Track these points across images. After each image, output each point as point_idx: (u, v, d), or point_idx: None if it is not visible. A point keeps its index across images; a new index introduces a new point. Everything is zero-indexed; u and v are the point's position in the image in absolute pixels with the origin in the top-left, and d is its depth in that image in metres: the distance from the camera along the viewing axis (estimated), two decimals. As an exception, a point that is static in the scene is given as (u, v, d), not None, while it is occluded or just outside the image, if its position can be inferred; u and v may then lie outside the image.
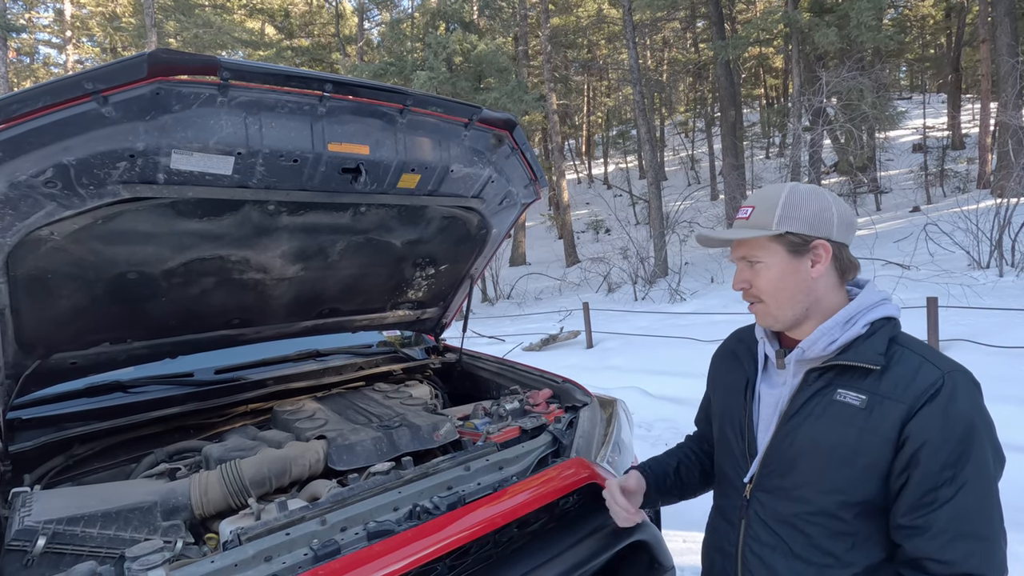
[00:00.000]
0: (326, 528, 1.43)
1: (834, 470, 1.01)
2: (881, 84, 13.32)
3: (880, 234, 11.72)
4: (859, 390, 1.00)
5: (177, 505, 1.59)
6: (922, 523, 0.94)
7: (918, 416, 0.95)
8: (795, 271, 1.07)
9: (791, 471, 1.07)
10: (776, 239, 1.07)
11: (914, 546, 0.95)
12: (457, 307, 2.89)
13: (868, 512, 1.01)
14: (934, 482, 0.93)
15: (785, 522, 1.09)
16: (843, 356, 1.04)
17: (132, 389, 2.17)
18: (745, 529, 1.15)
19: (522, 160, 2.10)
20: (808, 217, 1.06)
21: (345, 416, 2.14)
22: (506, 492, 1.59)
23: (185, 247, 1.73)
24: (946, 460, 0.93)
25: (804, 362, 1.09)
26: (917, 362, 0.99)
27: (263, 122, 1.46)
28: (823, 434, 1.03)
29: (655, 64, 29.99)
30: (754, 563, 1.13)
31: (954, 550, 0.92)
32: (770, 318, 1.12)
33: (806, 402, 1.06)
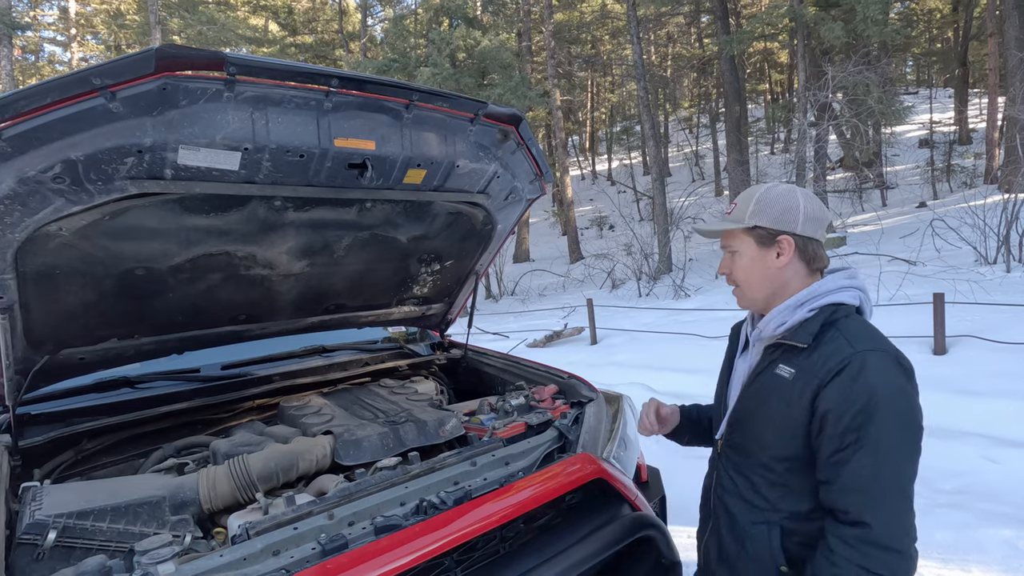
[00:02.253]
0: (334, 523, 1.44)
1: (768, 430, 1.23)
2: (887, 79, 13.22)
3: (886, 230, 11.66)
4: (791, 365, 1.19)
5: (185, 500, 1.60)
6: (830, 478, 1.12)
7: (826, 389, 1.11)
8: (762, 260, 1.25)
9: (741, 429, 1.30)
10: (748, 232, 1.25)
11: (824, 496, 1.15)
12: (462, 303, 2.89)
13: (795, 468, 1.20)
14: (838, 444, 1.10)
15: (738, 471, 1.32)
16: (786, 336, 1.21)
17: (139, 385, 2.19)
18: (716, 476, 1.40)
19: (528, 155, 2.10)
20: (775, 214, 1.22)
21: (351, 412, 2.14)
22: (512, 487, 1.60)
23: (192, 243, 1.73)
24: (847, 426, 1.08)
25: (762, 340, 1.28)
26: (838, 342, 1.14)
27: (270, 117, 1.46)
28: (764, 400, 1.23)
29: (659, 60, 29.85)
30: (717, 504, 1.38)
31: (848, 501, 1.09)
32: (745, 300, 1.32)
33: (759, 374, 1.26)
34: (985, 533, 3.00)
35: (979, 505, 3.30)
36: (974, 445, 4.03)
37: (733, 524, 1.31)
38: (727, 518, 1.33)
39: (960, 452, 4.00)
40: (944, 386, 4.87)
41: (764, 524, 1.25)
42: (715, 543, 1.37)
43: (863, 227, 13.04)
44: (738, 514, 1.30)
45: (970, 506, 3.31)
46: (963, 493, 3.50)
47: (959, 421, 4.42)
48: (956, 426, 4.38)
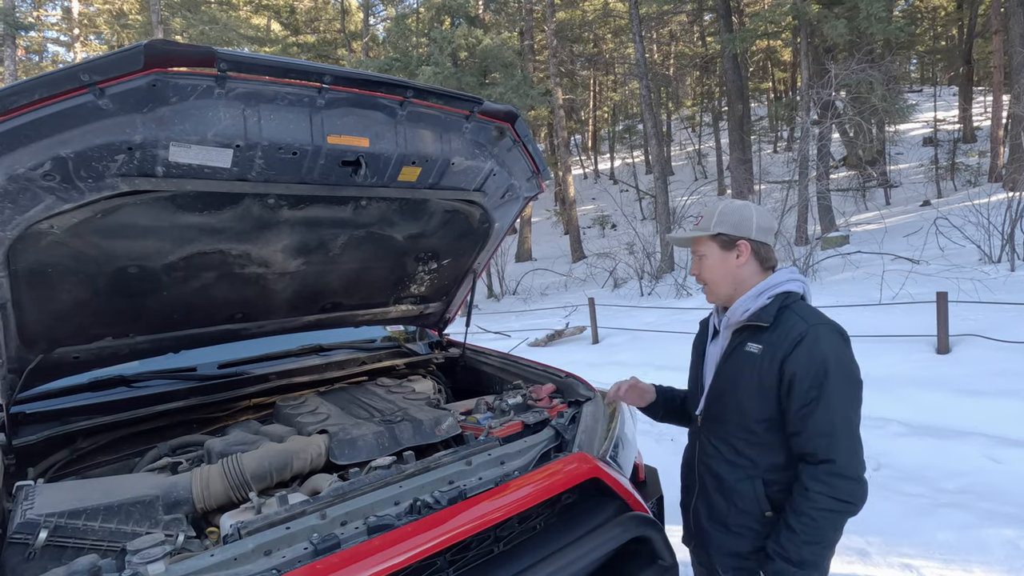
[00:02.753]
0: (326, 522, 1.43)
1: (745, 398, 1.44)
2: (891, 77, 13.14)
3: (889, 228, 11.60)
4: (758, 342, 1.44)
5: (178, 499, 1.59)
6: (799, 428, 1.37)
7: (790, 357, 1.36)
8: (724, 261, 1.51)
9: (719, 401, 1.52)
10: (712, 238, 1.51)
11: (796, 445, 1.39)
12: (460, 302, 2.88)
13: (771, 427, 1.44)
14: (803, 400, 1.35)
15: (720, 438, 1.53)
16: (750, 319, 1.46)
17: (136, 384, 2.18)
18: (699, 447, 1.61)
19: (524, 153, 2.08)
20: (733, 222, 1.49)
21: (347, 411, 2.13)
22: (507, 487, 1.58)
23: (186, 241, 1.73)
24: (810, 385, 1.34)
25: (729, 326, 1.52)
26: (794, 320, 1.41)
27: (261, 114, 1.45)
28: (738, 374, 1.46)
29: (662, 58, 29.76)
30: (703, 470, 1.59)
31: (816, 445, 1.34)
32: (713, 296, 1.57)
33: (730, 354, 1.50)
34: (987, 533, 2.98)
35: (981, 505, 3.28)
36: (977, 445, 4.00)
37: (720, 485, 1.53)
38: (714, 481, 1.54)
39: (963, 452, 3.97)
40: (947, 385, 4.84)
41: (748, 480, 1.48)
42: (704, 505, 1.58)
43: (866, 226, 12.99)
44: (725, 475, 1.52)
45: (972, 506, 3.29)
46: (965, 493, 3.48)
47: (962, 421, 4.39)
48: (959, 426, 4.35)
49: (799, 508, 1.35)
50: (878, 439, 4.42)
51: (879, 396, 5.04)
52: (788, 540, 1.36)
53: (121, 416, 1.98)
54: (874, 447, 4.32)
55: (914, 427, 4.53)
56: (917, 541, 3.04)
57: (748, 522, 1.48)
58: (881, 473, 3.96)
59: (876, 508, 3.48)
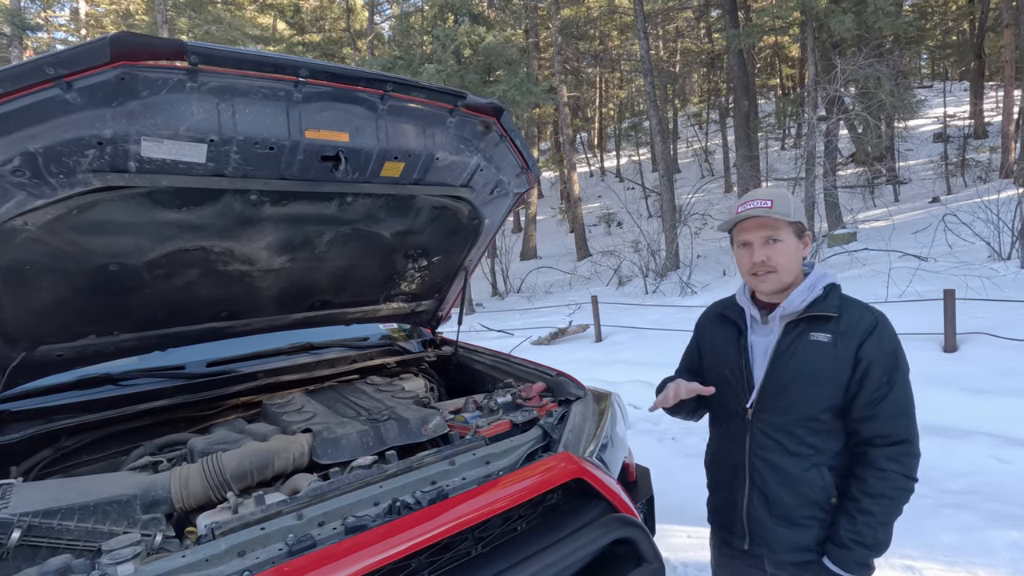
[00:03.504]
0: (303, 523, 1.40)
1: (817, 387, 1.44)
2: (899, 71, 12.97)
3: (897, 225, 11.46)
4: (825, 331, 1.45)
5: (157, 498, 1.57)
6: (872, 413, 1.40)
7: (865, 344, 1.40)
8: (797, 250, 1.50)
9: (784, 392, 1.48)
10: (791, 224, 1.48)
11: (867, 429, 1.41)
12: (453, 300, 2.85)
13: (836, 413, 1.46)
14: (878, 385, 1.39)
15: (780, 429, 1.50)
16: (811, 310, 1.47)
17: (123, 382, 2.17)
18: (750, 442, 1.55)
19: (512, 148, 2.05)
20: (802, 213, 1.52)
21: (334, 409, 2.11)
22: (489, 487, 1.56)
23: (166, 238, 1.71)
24: (883, 370, 1.39)
25: (785, 316, 1.51)
26: (859, 309, 1.47)
27: (236, 108, 1.43)
28: (806, 364, 1.45)
29: (667, 55, 29.58)
30: (759, 463, 1.53)
31: (893, 426, 1.39)
32: (778, 283, 1.50)
33: (789, 344, 1.49)
34: (992, 535, 2.92)
35: (987, 506, 3.22)
36: (983, 444, 3.93)
37: (784, 477, 1.49)
38: (775, 474, 1.51)
39: (968, 452, 3.91)
40: (953, 384, 4.76)
41: (814, 468, 1.47)
42: (762, 501, 1.53)
43: (874, 223, 12.84)
44: (788, 466, 1.49)
45: (978, 507, 3.23)
46: (971, 493, 3.42)
47: (968, 420, 4.32)
48: (965, 425, 4.28)
49: (875, 490, 1.37)
50: (882, 438, 4.35)
51: (884, 395, 4.98)
52: (865, 524, 1.37)
53: (106, 414, 1.97)
54: (878, 447, 4.26)
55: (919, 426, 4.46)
56: (920, 543, 2.98)
57: (815, 512, 1.47)
58: (885, 473, 3.90)
59: (879, 508, 3.43)
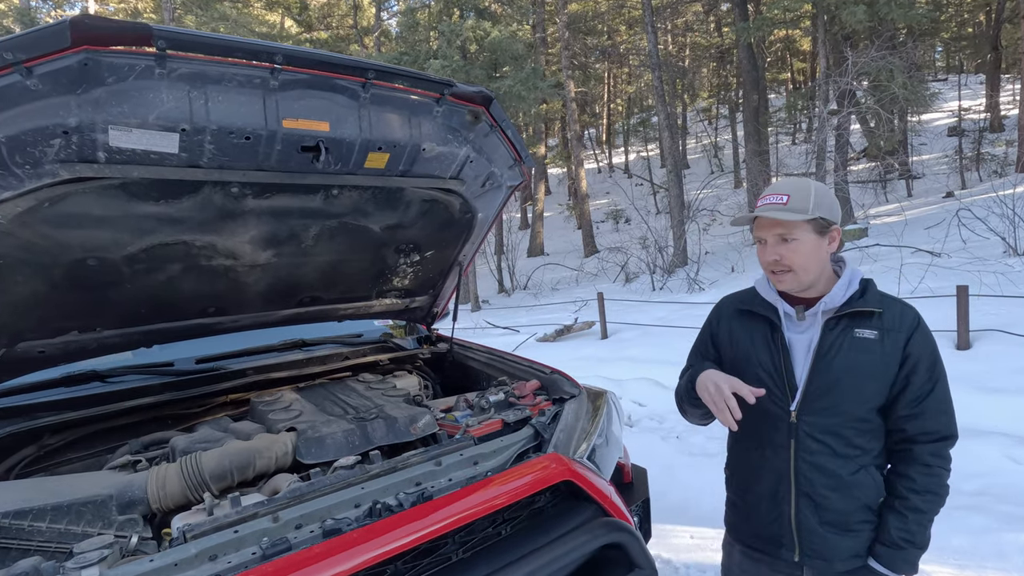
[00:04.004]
0: (279, 525, 1.36)
1: (865, 385, 1.37)
2: (913, 64, 12.71)
3: (910, 220, 11.26)
4: (870, 327, 1.38)
5: (133, 499, 1.53)
6: (918, 411, 1.36)
7: (912, 340, 1.35)
8: (819, 248, 1.40)
9: (830, 392, 1.39)
10: (809, 222, 1.37)
11: (913, 426, 1.36)
12: (449, 296, 2.80)
13: (880, 411, 1.40)
14: (923, 381, 1.35)
15: (828, 431, 1.41)
16: (852, 305, 1.39)
17: (110, 379, 2.13)
18: (796, 445, 1.44)
19: (503, 139, 1.99)
20: (828, 205, 1.39)
21: (322, 408, 2.07)
22: (474, 489, 1.50)
23: (144, 232, 1.66)
24: (928, 366, 1.36)
25: (826, 313, 1.42)
26: (900, 305, 1.41)
27: (209, 96, 1.38)
28: (853, 362, 1.37)
29: (676, 49, 29.29)
30: (806, 468, 1.43)
31: (937, 423, 1.36)
32: (795, 283, 1.42)
33: (833, 342, 1.40)
34: (1005, 538, 2.83)
35: (1000, 508, 3.12)
36: (996, 445, 3.83)
37: (837, 482, 1.41)
38: (825, 479, 1.42)
39: (981, 452, 3.80)
40: (966, 382, 4.65)
41: (862, 469, 1.41)
42: (812, 509, 1.44)
43: (886, 218, 12.63)
44: (839, 470, 1.41)
45: (990, 509, 3.13)
46: (983, 495, 3.32)
47: (981, 419, 4.21)
48: (978, 424, 4.17)
49: (923, 487, 1.34)
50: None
51: (894, 393, 4.88)
52: (916, 523, 1.34)
53: (90, 412, 1.93)
54: (888, 446, 4.16)
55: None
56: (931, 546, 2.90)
57: (868, 516, 1.42)
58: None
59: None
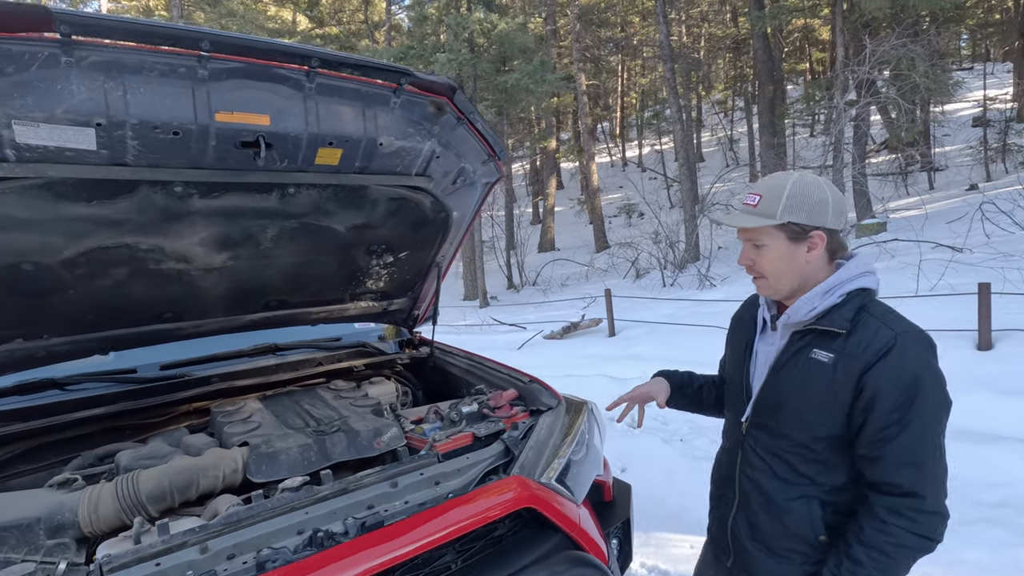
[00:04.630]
0: (207, 557, 1.24)
1: (810, 412, 1.23)
2: (935, 52, 12.26)
3: (931, 215, 10.88)
4: (829, 350, 1.20)
5: (63, 522, 1.43)
6: (877, 454, 1.16)
7: (873, 370, 1.14)
8: (793, 255, 1.24)
9: (777, 413, 1.29)
10: (779, 227, 1.23)
11: (871, 472, 1.18)
12: (430, 298, 2.67)
13: (834, 445, 1.24)
14: (885, 422, 1.14)
15: (772, 452, 1.32)
16: (819, 322, 1.23)
17: (69, 387, 2.04)
18: (742, 458, 1.39)
19: (472, 132, 1.85)
20: (808, 208, 1.21)
21: (283, 419, 1.95)
22: (426, 516, 1.37)
23: (79, 235, 1.55)
24: (894, 405, 1.13)
25: (790, 325, 1.30)
26: (876, 326, 1.17)
27: (128, 87, 1.25)
28: (801, 384, 1.24)
29: (691, 40, 28.75)
30: (747, 484, 1.38)
31: (899, 475, 1.14)
32: (770, 290, 1.31)
33: (789, 358, 1.27)
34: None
35: (1021, 521, 2.93)
36: (1018, 452, 3.61)
37: (769, 503, 1.33)
38: (760, 497, 1.35)
39: (1003, 460, 3.59)
40: (988, 385, 4.42)
41: (803, 499, 1.29)
42: (745, 523, 1.39)
43: (906, 212, 12.24)
44: (773, 492, 1.32)
45: (1010, 521, 2.94)
46: (1003, 506, 3.12)
47: (1003, 425, 3.99)
48: (999, 430, 3.95)
49: (871, 541, 1.16)
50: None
51: (911, 396, 4.67)
52: (849, 572, 1.18)
53: (36, 423, 1.83)
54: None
55: (948, 431, 4.14)
56: (943, 559, 2.73)
57: (798, 546, 1.30)
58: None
59: (900, 521, 3.16)
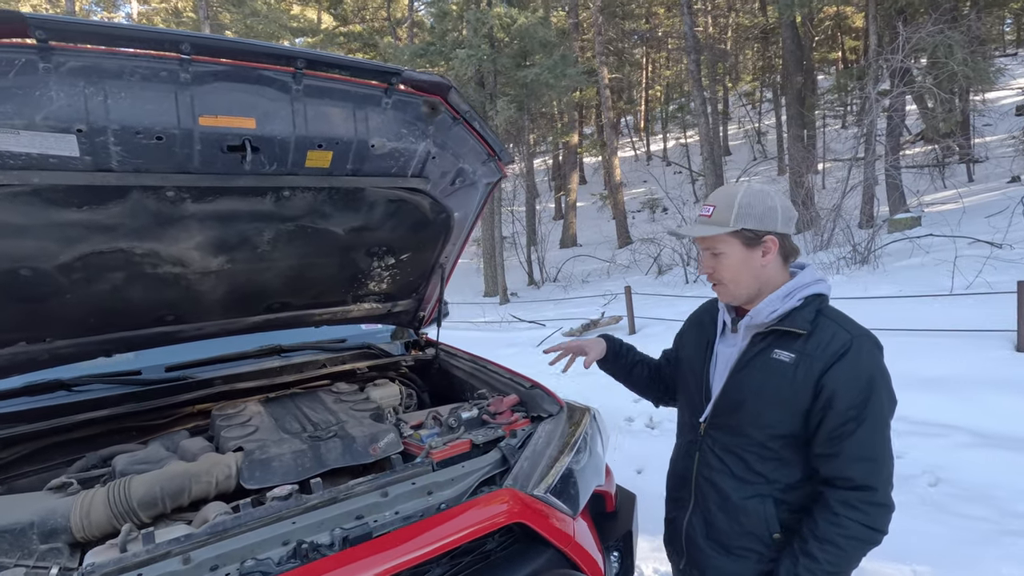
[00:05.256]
0: (189, 568, 1.22)
1: (769, 411, 1.29)
2: (976, 38, 11.71)
3: (969, 208, 10.42)
4: (790, 350, 1.27)
5: (56, 527, 1.43)
6: (834, 451, 1.23)
7: (831, 370, 1.22)
8: (749, 260, 1.32)
9: (737, 412, 1.34)
10: (733, 234, 1.31)
11: (827, 468, 1.25)
12: (436, 299, 2.63)
13: (791, 443, 1.30)
14: (843, 419, 1.21)
15: (729, 451, 1.37)
16: (781, 323, 1.30)
17: (77, 388, 2.07)
18: (699, 458, 1.44)
19: (470, 132, 1.80)
20: (759, 215, 1.29)
21: (281, 423, 1.94)
22: (415, 529, 1.33)
23: (73, 240, 1.55)
24: (851, 403, 1.21)
25: (751, 327, 1.35)
26: (834, 328, 1.26)
27: (108, 92, 1.24)
28: (762, 384, 1.30)
29: (718, 31, 28.13)
30: (704, 484, 1.42)
31: (853, 469, 1.22)
32: (730, 296, 1.38)
33: (751, 359, 1.33)
34: (1063, 572, 2.50)
35: (1061, 535, 2.77)
36: (1056, 462, 3.42)
37: (724, 502, 1.37)
38: (717, 496, 1.39)
39: (1039, 470, 3.41)
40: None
41: (757, 497, 1.34)
42: (701, 522, 1.43)
43: (942, 206, 11.76)
44: (730, 491, 1.36)
45: (1047, 536, 2.78)
46: (1043, 518, 2.96)
47: (1039, 432, 3.79)
48: (1035, 438, 3.76)
49: (825, 535, 1.23)
50: (938, 450, 3.89)
51: (943, 399, 4.46)
52: (806, 569, 1.24)
53: (41, 425, 1.86)
54: (932, 459, 3.80)
55: (984, 436, 3.95)
56: (974, 573, 2.60)
57: (753, 544, 1.35)
58: (938, 490, 3.46)
59: (927, 532, 3.02)
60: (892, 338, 5.55)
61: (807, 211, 11.31)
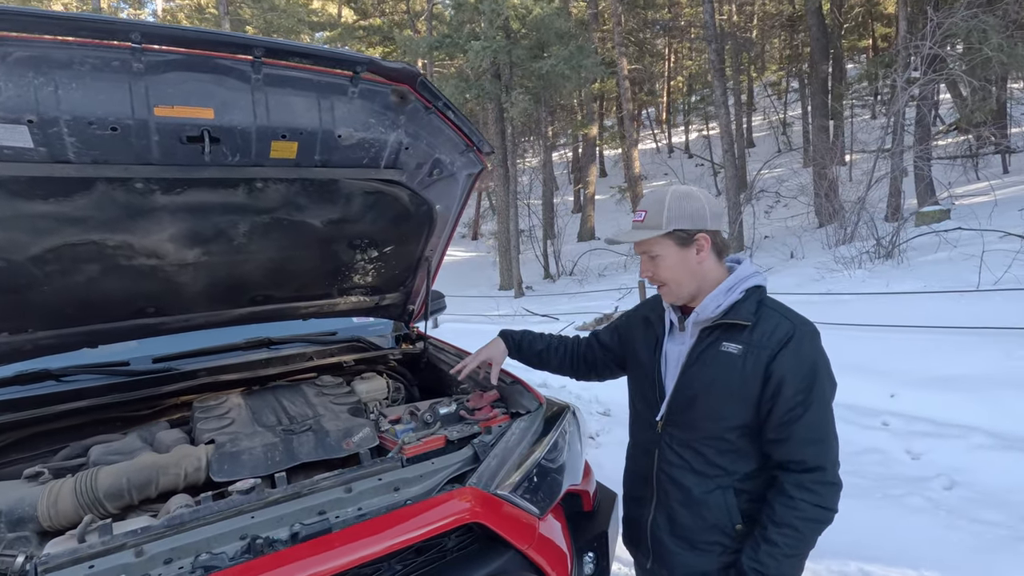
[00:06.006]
0: (142, 561, 1.22)
1: (723, 403, 1.33)
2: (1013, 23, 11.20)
3: (1001, 201, 10.01)
4: (738, 341, 1.32)
5: (24, 516, 1.45)
6: (784, 436, 1.28)
7: (777, 358, 1.27)
8: (685, 259, 1.38)
9: (691, 407, 1.38)
10: (667, 236, 1.36)
11: (779, 453, 1.30)
12: (425, 292, 2.61)
13: (746, 433, 1.34)
14: (791, 404, 1.27)
15: (687, 446, 1.41)
16: (726, 316, 1.35)
17: (64, 378, 2.10)
18: (659, 456, 1.47)
19: (445, 122, 1.75)
20: (688, 214, 1.35)
21: (259, 416, 1.94)
22: (367, 527, 1.31)
23: (42, 232, 1.56)
24: (797, 388, 1.26)
25: (698, 323, 1.40)
26: (777, 318, 1.32)
27: (58, 83, 1.23)
28: (713, 377, 1.34)
29: (743, 20, 27.48)
30: (665, 481, 1.45)
31: (804, 452, 1.27)
32: (673, 296, 1.43)
33: (700, 354, 1.37)
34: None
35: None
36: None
37: (687, 497, 1.40)
38: (679, 493, 1.42)
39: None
40: (1052, 390, 4.02)
41: (718, 490, 1.37)
42: (665, 520, 1.46)
43: (973, 198, 11.32)
44: (692, 486, 1.39)
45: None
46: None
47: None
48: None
49: (782, 519, 1.28)
50: (955, 451, 3.75)
51: (963, 399, 4.31)
52: (768, 555, 1.28)
53: (29, 414, 1.88)
54: (948, 461, 3.66)
55: (1004, 439, 3.80)
56: (1011, 581, 2.50)
57: (717, 537, 1.39)
58: (954, 494, 3.33)
59: (940, 537, 2.91)
60: (913, 336, 5.35)
61: (829, 203, 11.00)
